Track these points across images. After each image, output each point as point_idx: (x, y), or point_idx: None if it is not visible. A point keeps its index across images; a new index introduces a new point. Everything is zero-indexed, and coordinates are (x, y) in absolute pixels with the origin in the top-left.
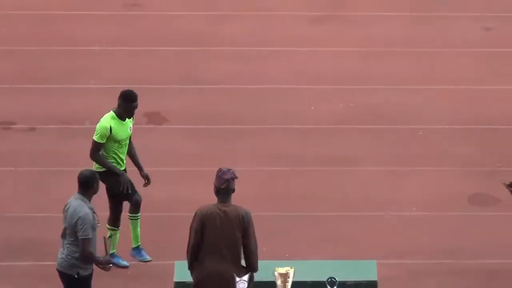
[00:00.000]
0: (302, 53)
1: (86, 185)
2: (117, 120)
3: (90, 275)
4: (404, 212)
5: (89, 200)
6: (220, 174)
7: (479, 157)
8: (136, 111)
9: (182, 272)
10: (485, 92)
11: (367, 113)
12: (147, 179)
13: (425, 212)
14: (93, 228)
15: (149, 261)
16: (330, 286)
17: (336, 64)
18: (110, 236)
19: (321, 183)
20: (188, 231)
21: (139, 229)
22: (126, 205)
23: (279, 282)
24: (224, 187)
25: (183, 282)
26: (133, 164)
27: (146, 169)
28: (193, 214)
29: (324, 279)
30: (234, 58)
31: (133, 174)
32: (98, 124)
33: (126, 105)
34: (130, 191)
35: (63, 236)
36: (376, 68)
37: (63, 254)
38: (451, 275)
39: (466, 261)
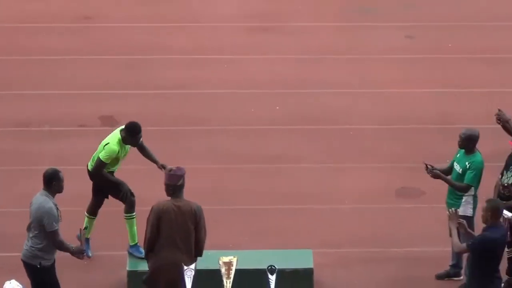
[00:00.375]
0: (242, 61)
1: (50, 183)
2: (122, 144)
3: (52, 265)
4: (337, 205)
5: (53, 196)
6: (172, 173)
7: (405, 154)
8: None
9: (134, 262)
10: (408, 95)
11: (302, 115)
12: (163, 167)
13: (356, 205)
14: (57, 220)
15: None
16: (270, 273)
17: (272, 70)
18: (85, 227)
19: (261, 179)
20: (145, 225)
21: (135, 227)
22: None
23: (223, 270)
24: (176, 184)
25: (135, 271)
26: (150, 162)
27: None
28: (149, 209)
29: (265, 267)
30: (179, 66)
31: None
32: (106, 146)
33: (133, 138)
34: (128, 197)
35: (28, 229)
36: (308, 74)
37: (27, 246)
38: (380, 262)
39: (393, 249)
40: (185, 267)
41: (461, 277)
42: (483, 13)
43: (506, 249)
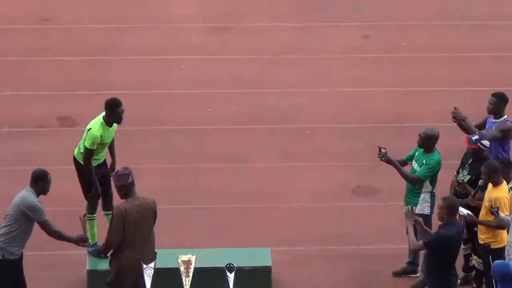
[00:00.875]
0: (199, 61)
1: (36, 181)
2: (106, 127)
3: (16, 261)
4: (294, 204)
5: (37, 195)
6: (120, 173)
7: (361, 153)
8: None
9: (94, 261)
10: (364, 94)
11: (258, 114)
12: (111, 168)
13: (313, 204)
14: (42, 212)
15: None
16: (229, 271)
17: (230, 70)
18: (84, 215)
19: (217, 178)
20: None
21: (95, 228)
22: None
23: (182, 269)
24: (126, 184)
25: (95, 270)
26: (109, 153)
27: (57, 167)
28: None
29: (223, 265)
30: (138, 66)
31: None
32: (89, 133)
33: (113, 113)
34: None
35: (4, 219)
36: (265, 74)
37: None
38: (337, 260)
39: (350, 247)
40: (144, 266)
41: (418, 274)
42: (437, 13)
43: (462, 246)
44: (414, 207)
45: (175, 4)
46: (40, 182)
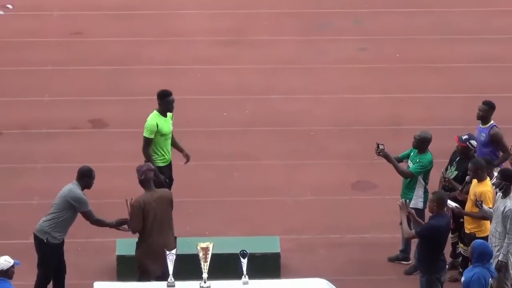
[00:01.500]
0: (212, 70)
1: (82, 177)
2: (161, 117)
3: (58, 245)
4: (299, 198)
5: (82, 189)
6: (139, 168)
7: (359, 152)
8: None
9: (122, 247)
10: (361, 100)
11: (267, 118)
12: (187, 157)
13: (317, 197)
14: (86, 202)
15: None
16: (242, 257)
17: (240, 79)
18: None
19: (231, 174)
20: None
21: None
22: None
23: (201, 255)
24: (143, 178)
25: (124, 256)
26: (177, 151)
27: (91, 164)
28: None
29: (237, 251)
30: (157, 75)
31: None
32: (145, 123)
33: (164, 101)
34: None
35: (51, 207)
36: (272, 82)
37: (41, 221)
38: (338, 247)
39: (349, 236)
40: (167, 252)
41: (410, 262)
42: (427, 28)
43: (450, 235)
44: (408, 201)
45: (189, 20)
46: (86, 178)
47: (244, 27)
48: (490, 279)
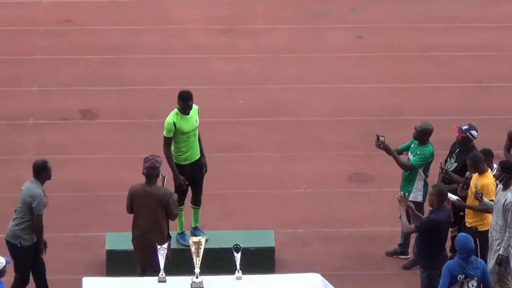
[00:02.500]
0: (207, 59)
1: (39, 172)
2: (181, 115)
3: (32, 247)
4: (294, 190)
5: (42, 184)
6: (145, 160)
7: (356, 143)
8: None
9: (112, 241)
10: (358, 90)
11: (261, 108)
12: (204, 167)
13: (312, 190)
14: (44, 206)
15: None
16: (236, 252)
17: (235, 68)
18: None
19: (225, 166)
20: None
21: (183, 218)
22: None
23: (193, 249)
24: (145, 173)
25: (113, 250)
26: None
27: (78, 156)
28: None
29: (230, 246)
30: (152, 64)
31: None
32: (165, 121)
33: (181, 103)
34: (184, 188)
35: (15, 212)
36: (267, 71)
37: (11, 226)
38: (335, 241)
39: (346, 229)
40: (158, 246)
41: (408, 256)
42: (424, 15)
43: (450, 229)
44: (407, 193)
45: (185, 8)
46: (43, 172)
47: (239, 15)
48: (461, 276)
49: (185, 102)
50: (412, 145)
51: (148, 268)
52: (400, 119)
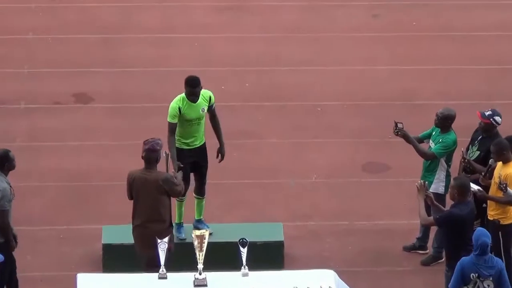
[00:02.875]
0: (210, 39)
1: (2, 164)
2: (187, 102)
3: (4, 244)
4: (305, 180)
5: (6, 175)
6: (144, 143)
7: (370, 130)
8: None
9: (109, 235)
10: (373, 72)
11: (269, 92)
12: (221, 155)
13: (324, 180)
14: (9, 200)
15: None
16: (242, 246)
17: (240, 49)
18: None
19: (230, 154)
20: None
21: (182, 209)
22: None
23: (196, 243)
24: (143, 156)
25: (110, 245)
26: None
27: (72, 143)
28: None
29: (236, 240)
30: (151, 44)
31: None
32: (170, 105)
33: (187, 89)
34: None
35: None
36: (275, 52)
37: None
38: (348, 235)
39: (360, 222)
40: (158, 240)
41: (427, 251)
42: None
43: None
44: (426, 182)
45: None
46: (6, 163)
47: None
48: (474, 275)
49: (191, 88)
50: (433, 133)
51: (148, 262)
52: (419, 103)
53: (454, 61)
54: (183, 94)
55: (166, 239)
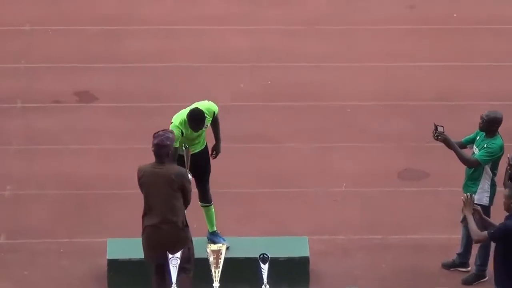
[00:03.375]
0: (223, 32)
1: None
2: (187, 126)
3: None
4: (334, 189)
5: None
6: (154, 136)
7: (407, 133)
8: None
9: (114, 249)
10: (409, 69)
11: (293, 90)
12: (215, 152)
13: (355, 189)
14: None
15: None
16: (263, 262)
17: (259, 42)
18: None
19: (247, 160)
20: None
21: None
22: None
23: (211, 259)
24: (153, 150)
25: (116, 260)
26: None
27: (74, 147)
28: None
29: (256, 255)
30: (157, 37)
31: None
32: (170, 126)
33: (190, 124)
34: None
35: None
36: (299, 46)
37: None
38: (381, 250)
39: (395, 236)
40: (170, 256)
41: (469, 268)
42: None
43: None
44: (474, 195)
45: None
46: None
47: None
48: None
49: (191, 123)
50: (477, 137)
51: (157, 272)
52: (462, 104)
53: (501, 57)
54: (185, 116)
55: (178, 254)
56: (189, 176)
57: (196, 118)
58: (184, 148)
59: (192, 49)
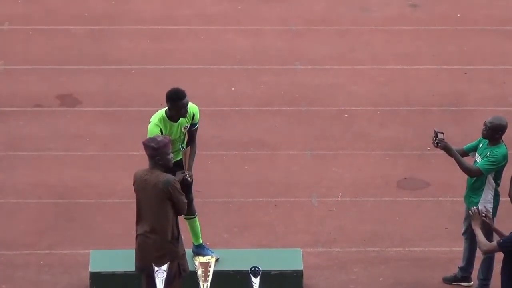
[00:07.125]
0: (219, 32)
1: None
2: (168, 122)
3: None
4: (329, 198)
5: None
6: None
7: (407, 140)
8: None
9: (97, 262)
10: (411, 72)
11: (288, 94)
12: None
13: (352, 198)
14: None
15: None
16: (254, 276)
17: (256, 44)
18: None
19: (240, 167)
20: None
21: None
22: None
23: (199, 272)
24: (146, 154)
25: (99, 273)
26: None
27: (56, 153)
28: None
29: (247, 268)
30: (148, 37)
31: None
32: (148, 126)
33: (174, 105)
34: None
35: None
36: (296, 48)
37: None
38: (379, 264)
39: (393, 249)
40: (156, 268)
41: (471, 283)
42: None
43: None
44: (477, 208)
45: None
46: None
47: None
48: None
49: (178, 102)
50: (480, 145)
51: (147, 282)
52: (465, 110)
53: (508, 60)
54: (163, 112)
55: (164, 267)
56: (189, 178)
57: (177, 97)
58: (182, 149)
59: (185, 50)
